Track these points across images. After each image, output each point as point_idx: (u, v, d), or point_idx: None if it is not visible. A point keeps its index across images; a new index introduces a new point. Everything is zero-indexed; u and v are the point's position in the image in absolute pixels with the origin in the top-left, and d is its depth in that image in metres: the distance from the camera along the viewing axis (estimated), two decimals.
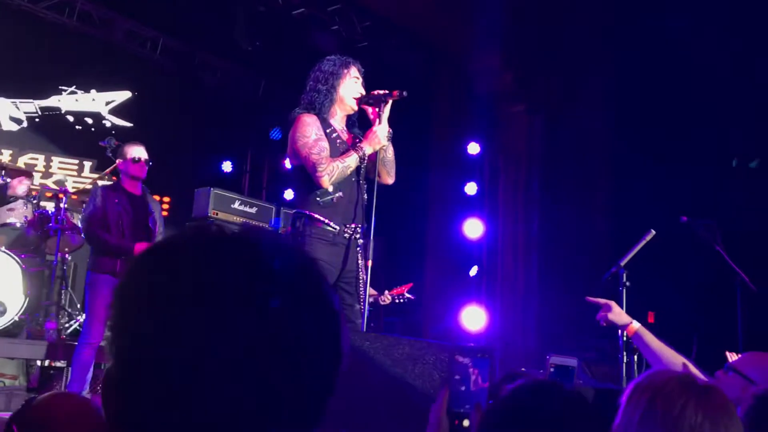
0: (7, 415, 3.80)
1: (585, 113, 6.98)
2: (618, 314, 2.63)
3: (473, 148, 7.85)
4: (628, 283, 3.60)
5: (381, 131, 3.54)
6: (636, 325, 2.58)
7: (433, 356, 2.85)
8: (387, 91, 3.59)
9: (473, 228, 7.60)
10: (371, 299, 3.58)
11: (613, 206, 6.75)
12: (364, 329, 3.45)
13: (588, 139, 6.95)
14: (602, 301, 2.68)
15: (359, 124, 3.79)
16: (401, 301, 6.21)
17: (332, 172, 3.45)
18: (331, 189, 3.49)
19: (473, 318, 7.25)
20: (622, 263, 3.64)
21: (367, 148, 3.54)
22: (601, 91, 6.97)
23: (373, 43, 8.01)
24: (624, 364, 3.36)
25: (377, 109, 3.59)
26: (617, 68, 6.79)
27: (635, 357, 3.27)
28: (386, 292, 6.11)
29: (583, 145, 7.00)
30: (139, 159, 4.89)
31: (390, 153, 3.71)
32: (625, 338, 3.30)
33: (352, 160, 3.50)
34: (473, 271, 7.63)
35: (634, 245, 3.67)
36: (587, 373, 4.58)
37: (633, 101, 6.44)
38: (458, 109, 7.97)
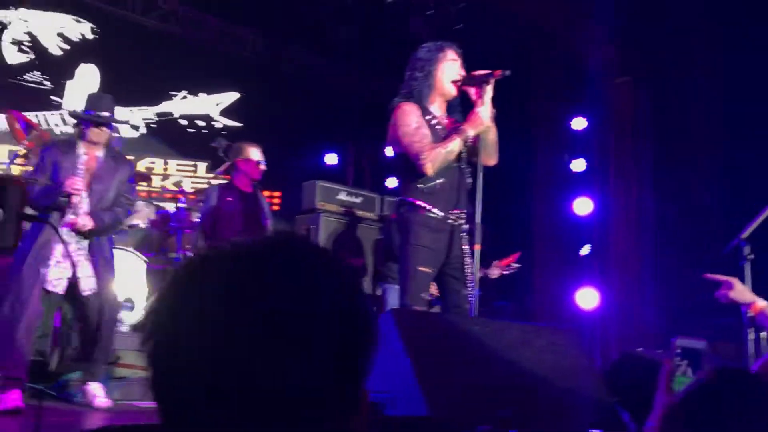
0: (144, 404, 4.08)
1: (693, 82, 6.62)
2: (740, 292, 2.50)
3: (579, 123, 7.62)
4: (751, 257, 3.37)
5: (484, 112, 3.47)
6: (762, 303, 2.45)
7: (544, 340, 2.81)
8: (489, 71, 3.52)
9: (583, 206, 7.39)
10: (480, 274, 3.54)
11: (730, 177, 6.37)
12: (474, 314, 3.44)
13: (698, 109, 6.59)
14: (722, 278, 2.55)
15: (462, 106, 3.73)
16: (510, 272, 6.15)
17: (435, 158, 3.44)
18: (433, 175, 3.48)
19: (587, 298, 7.07)
20: (744, 236, 3.41)
21: (470, 131, 3.49)
22: (709, 58, 6.58)
23: (468, 25, 7.91)
24: (751, 343, 3.17)
25: (480, 90, 3.54)
26: (725, 34, 6.39)
27: (762, 335, 3.08)
28: (493, 263, 6.06)
29: (693, 114, 6.64)
30: (258, 161, 5.10)
31: (492, 134, 3.63)
32: (750, 315, 3.12)
33: (454, 145, 3.47)
34: (585, 250, 7.43)
35: (755, 216, 3.43)
36: (716, 355, 4.37)
37: (742, 66, 6.04)
38: (560, 85, 7.76)
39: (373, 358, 0.78)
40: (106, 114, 4.19)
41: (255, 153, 5.16)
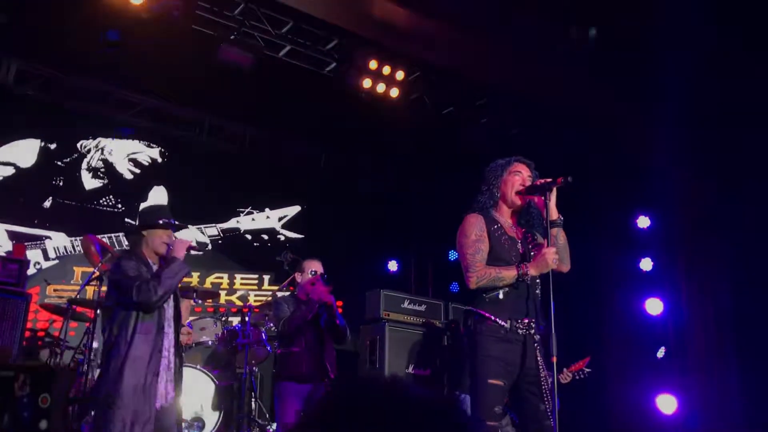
0: None
1: (760, 171, 6.47)
2: None
3: (643, 222, 7.49)
4: None
5: (550, 254, 3.44)
6: None
7: None
8: (551, 179, 3.54)
9: (654, 306, 7.16)
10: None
11: None
12: (557, 429, 3.29)
13: None
14: None
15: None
16: (581, 377, 5.96)
17: (482, 277, 3.45)
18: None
19: (666, 402, 6.72)
20: None
21: (532, 271, 3.46)
22: None
23: (525, 129, 8.03)
24: None
25: (543, 198, 3.55)
26: None
27: None
28: (564, 369, 5.90)
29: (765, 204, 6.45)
30: (315, 272, 5.16)
31: (562, 239, 3.61)
32: None
33: (508, 276, 3.45)
34: (660, 352, 7.13)
35: None
36: None
37: None
38: (621, 183, 7.69)
39: None
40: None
41: (313, 264, 5.25)
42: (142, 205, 7.85)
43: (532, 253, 3.58)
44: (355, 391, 1.20)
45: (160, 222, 4.08)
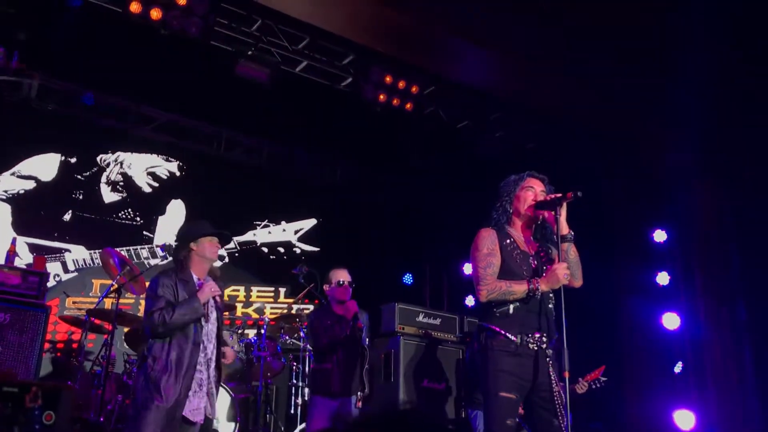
0: None
1: None
2: None
3: (659, 236, 7.46)
4: None
5: (560, 270, 3.45)
6: None
7: None
8: (560, 195, 3.54)
9: (671, 320, 7.11)
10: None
11: None
12: None
13: None
14: None
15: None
16: (597, 386, 5.96)
17: (493, 290, 3.46)
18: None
19: (684, 418, 6.66)
20: None
21: (543, 286, 3.47)
22: None
23: (540, 143, 8.04)
24: None
25: (553, 213, 3.56)
26: None
27: None
28: (580, 380, 5.89)
29: None
30: (343, 282, 5.17)
31: (573, 254, 3.61)
32: None
33: (519, 290, 3.46)
34: (678, 367, 7.07)
35: None
36: None
37: None
38: (636, 197, 7.67)
39: None
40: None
41: (341, 274, 5.24)
42: (178, 226, 7.97)
43: (544, 268, 3.58)
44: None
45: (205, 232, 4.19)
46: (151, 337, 3.91)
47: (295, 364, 6.80)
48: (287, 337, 6.61)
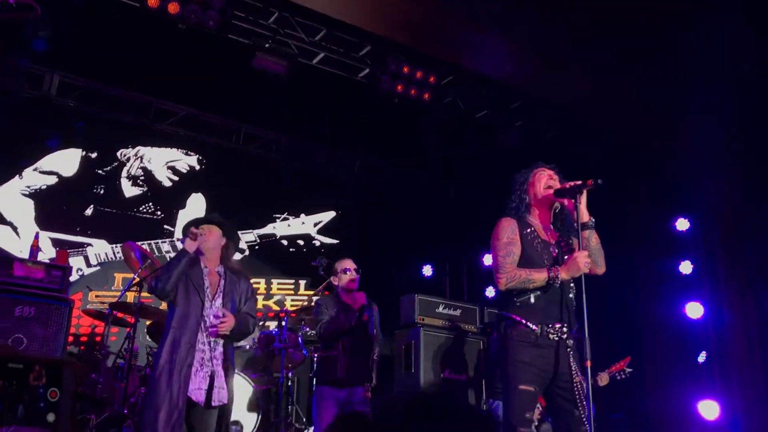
0: None
1: None
2: None
3: (682, 224, 7.37)
4: None
5: (581, 258, 3.40)
6: None
7: None
8: (581, 182, 3.50)
9: (694, 310, 7.04)
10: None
11: None
12: None
13: None
14: None
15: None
16: (623, 377, 5.91)
17: (512, 278, 3.43)
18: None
19: (708, 408, 6.60)
20: None
21: (563, 274, 3.42)
22: None
23: (559, 133, 7.97)
24: None
25: (573, 201, 3.52)
26: None
27: None
28: (599, 374, 5.85)
29: None
30: (348, 270, 5.17)
31: (594, 241, 3.56)
32: None
33: (539, 279, 3.42)
34: (701, 357, 7.00)
35: None
36: None
37: None
38: (660, 186, 7.59)
39: None
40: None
41: (345, 263, 5.23)
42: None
43: (565, 257, 3.54)
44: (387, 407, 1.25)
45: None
46: (160, 298, 4.14)
47: (315, 355, 6.82)
48: (308, 329, 6.62)
